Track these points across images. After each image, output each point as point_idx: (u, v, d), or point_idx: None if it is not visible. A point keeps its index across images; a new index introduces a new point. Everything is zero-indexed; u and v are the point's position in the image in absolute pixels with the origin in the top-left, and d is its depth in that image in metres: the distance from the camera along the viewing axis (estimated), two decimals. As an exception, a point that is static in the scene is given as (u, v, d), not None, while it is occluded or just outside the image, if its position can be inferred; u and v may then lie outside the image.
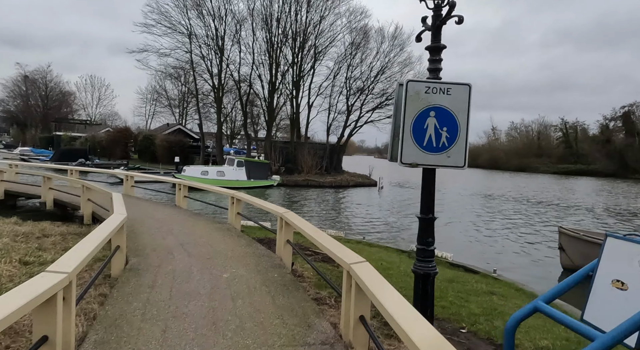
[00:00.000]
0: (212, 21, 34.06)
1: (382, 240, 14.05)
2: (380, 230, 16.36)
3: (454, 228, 17.49)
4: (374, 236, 14.76)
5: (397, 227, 16.99)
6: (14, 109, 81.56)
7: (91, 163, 36.53)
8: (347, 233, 13.60)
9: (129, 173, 15.66)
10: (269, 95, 35.64)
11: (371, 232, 15.89)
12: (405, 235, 15.49)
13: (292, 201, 25.13)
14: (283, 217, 5.75)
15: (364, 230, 16.00)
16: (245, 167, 29.32)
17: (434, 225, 3.68)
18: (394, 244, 13.19)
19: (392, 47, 37.04)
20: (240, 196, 8.92)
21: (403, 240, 14.63)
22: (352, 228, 16.50)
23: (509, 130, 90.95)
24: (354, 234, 14.36)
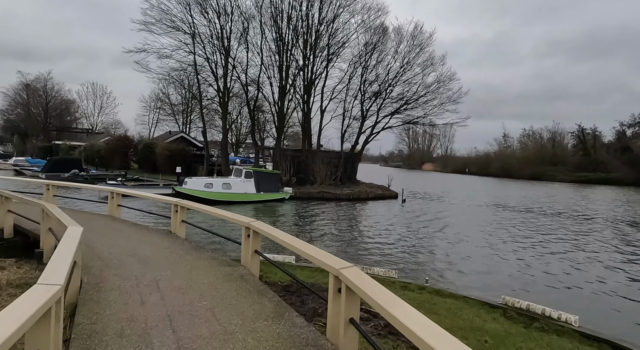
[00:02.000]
0: (217, 19, 30.72)
1: (441, 282, 10.34)
2: (427, 262, 12.61)
3: (507, 255, 13.76)
4: (424, 272, 11.04)
5: (449, 259, 13.23)
6: (15, 118, 78.67)
7: (86, 174, 32.98)
8: (397, 271, 9.92)
9: (116, 190, 12.01)
10: (279, 99, 32.09)
11: (419, 264, 12.14)
12: (465, 269, 11.75)
13: (308, 217, 21.44)
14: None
15: (407, 261, 12.28)
16: (254, 179, 25.67)
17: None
18: (464, 288, 9.48)
19: (411, 47, 33.58)
20: (256, 227, 5.71)
21: (466, 277, 10.90)
22: (390, 258, 12.79)
23: (520, 137, 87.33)
24: (398, 268, 10.66)
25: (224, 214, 6.86)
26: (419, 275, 10.45)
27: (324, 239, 15.31)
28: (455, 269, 11.78)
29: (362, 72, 34.83)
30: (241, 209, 23.23)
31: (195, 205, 8.50)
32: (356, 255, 12.71)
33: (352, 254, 12.80)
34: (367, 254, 13.08)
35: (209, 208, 7.77)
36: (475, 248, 14.83)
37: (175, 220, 9.22)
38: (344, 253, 12.85)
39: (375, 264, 11.09)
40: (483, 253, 14.13)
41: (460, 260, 12.89)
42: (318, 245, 13.87)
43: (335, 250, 13.34)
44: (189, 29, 30.25)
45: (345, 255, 12.53)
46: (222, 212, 7.11)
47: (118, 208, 12.23)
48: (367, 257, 12.45)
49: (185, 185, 23.76)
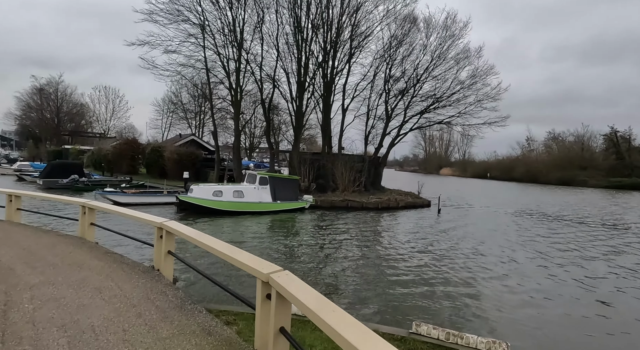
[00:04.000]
0: (229, 9, 27.34)
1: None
2: (525, 318, 8.70)
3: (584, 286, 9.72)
4: (534, 337, 7.17)
5: (556, 310, 9.30)
6: (29, 122, 77.10)
7: (87, 180, 29.84)
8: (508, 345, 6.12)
9: (88, 203, 8.50)
10: (297, 96, 28.47)
11: (517, 322, 8.23)
12: (594, 328, 7.82)
13: (333, 232, 17.67)
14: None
15: (497, 317, 8.37)
16: (270, 186, 22.04)
17: None
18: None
19: (443, 39, 29.66)
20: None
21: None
22: (463, 311, 8.94)
23: (546, 141, 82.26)
24: (498, 332, 6.86)
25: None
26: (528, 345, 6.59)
27: (358, 268, 11.52)
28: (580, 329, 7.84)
29: (388, 68, 31.04)
30: (255, 221, 19.61)
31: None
32: (414, 302, 8.89)
33: (405, 301, 9.02)
34: (433, 302, 9.23)
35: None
36: (583, 291, 10.81)
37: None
38: (396, 298, 9.09)
39: (455, 320, 7.33)
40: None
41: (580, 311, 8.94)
42: (352, 278, 9.99)
43: (381, 292, 9.58)
44: (198, 19, 26.93)
45: (401, 305, 8.79)
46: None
47: (91, 228, 8.74)
48: (436, 307, 8.59)
49: (191, 194, 20.25)
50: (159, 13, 25.70)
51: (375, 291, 9.21)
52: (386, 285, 9.71)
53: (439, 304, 8.53)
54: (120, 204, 22.11)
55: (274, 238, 15.44)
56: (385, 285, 9.66)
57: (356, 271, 10.89)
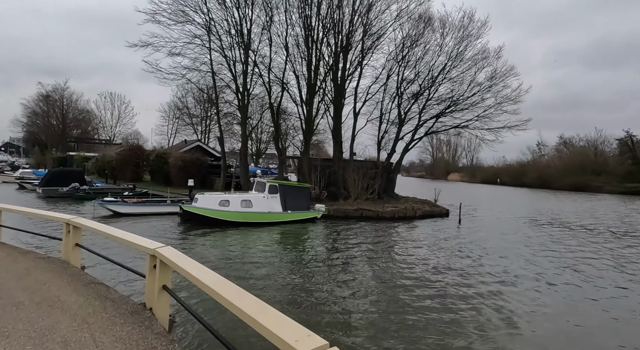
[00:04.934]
0: (236, 9, 25.98)
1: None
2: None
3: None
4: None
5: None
6: (36, 129, 76.46)
7: (88, 188, 28.42)
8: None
9: (74, 221, 6.89)
10: (307, 99, 26.92)
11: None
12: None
13: (349, 245, 16.02)
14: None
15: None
16: (280, 194, 20.43)
17: None
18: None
19: (460, 39, 28.03)
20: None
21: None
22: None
23: (557, 146, 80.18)
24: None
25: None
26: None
27: (379, 294, 9.86)
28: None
29: (401, 69, 29.47)
30: (264, 233, 17.98)
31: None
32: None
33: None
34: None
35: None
36: None
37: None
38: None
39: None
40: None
41: None
42: (373, 306, 8.31)
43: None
44: (203, 19, 25.56)
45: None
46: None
47: (76, 250, 7.22)
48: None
49: (196, 203, 18.69)
50: (162, 13, 24.39)
51: (400, 327, 7.52)
52: (413, 316, 8.03)
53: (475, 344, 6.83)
54: (121, 214, 20.61)
55: (283, 254, 13.79)
56: (411, 316, 7.98)
57: (377, 297, 9.21)
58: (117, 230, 5.68)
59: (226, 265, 11.72)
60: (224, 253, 13.47)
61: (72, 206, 24.05)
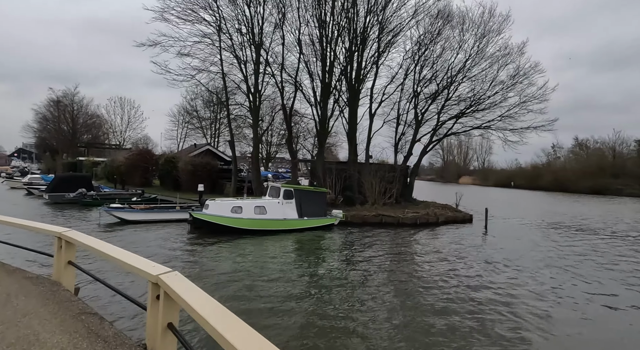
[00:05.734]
0: (247, 7, 24.84)
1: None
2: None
3: None
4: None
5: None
6: (47, 135, 76.29)
7: (95, 193, 27.38)
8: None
9: (66, 235, 5.50)
10: (321, 99, 25.61)
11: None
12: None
13: (370, 254, 14.63)
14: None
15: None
16: (296, 200, 19.10)
17: None
18: None
19: (481, 35, 26.54)
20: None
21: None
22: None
23: (572, 148, 77.87)
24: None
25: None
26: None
27: (405, 317, 8.45)
28: None
29: (419, 68, 28.06)
30: (279, 241, 16.64)
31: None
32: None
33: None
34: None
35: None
36: None
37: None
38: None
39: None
40: None
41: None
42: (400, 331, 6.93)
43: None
44: (213, 16, 24.44)
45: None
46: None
47: (69, 269, 5.91)
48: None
49: (206, 210, 17.42)
50: (171, 11, 23.33)
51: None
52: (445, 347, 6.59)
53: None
54: (128, 222, 19.43)
55: (298, 267, 12.41)
56: None
57: (402, 321, 7.78)
58: (115, 250, 4.50)
59: (236, 281, 10.39)
60: (235, 266, 12.15)
61: (78, 212, 22.99)
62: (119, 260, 4.04)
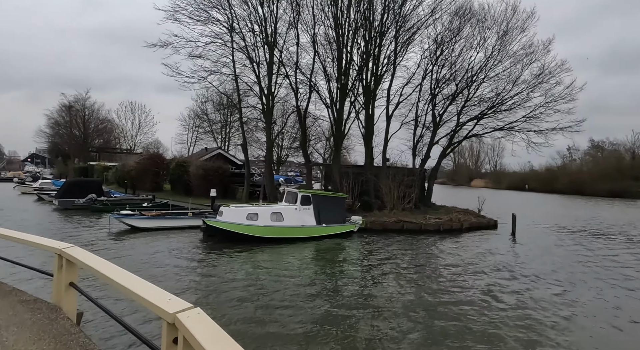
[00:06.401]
0: (259, 6, 23.95)
1: None
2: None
3: None
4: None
5: None
6: (59, 140, 76.49)
7: (105, 199, 26.61)
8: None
9: (68, 252, 4.37)
10: (338, 100, 24.55)
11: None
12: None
13: (395, 266, 13.49)
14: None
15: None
16: (314, 205, 18.01)
17: None
18: None
19: (503, 32, 25.27)
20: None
21: None
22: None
23: (588, 150, 75.75)
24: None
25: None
26: None
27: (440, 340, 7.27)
28: None
29: (438, 68, 26.89)
30: (296, 250, 15.55)
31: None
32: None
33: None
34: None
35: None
36: None
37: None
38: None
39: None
40: None
41: None
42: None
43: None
44: (225, 16, 23.59)
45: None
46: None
47: (70, 292, 4.77)
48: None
49: (220, 217, 16.41)
50: (182, 11, 22.51)
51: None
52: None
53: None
54: (139, 229, 18.52)
55: (317, 281, 11.32)
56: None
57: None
58: (122, 274, 3.48)
59: (252, 296, 9.34)
60: (250, 278, 11.11)
61: (88, 219, 22.19)
62: (127, 289, 3.15)
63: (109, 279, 3.53)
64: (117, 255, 13.58)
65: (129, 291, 3.12)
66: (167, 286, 10.16)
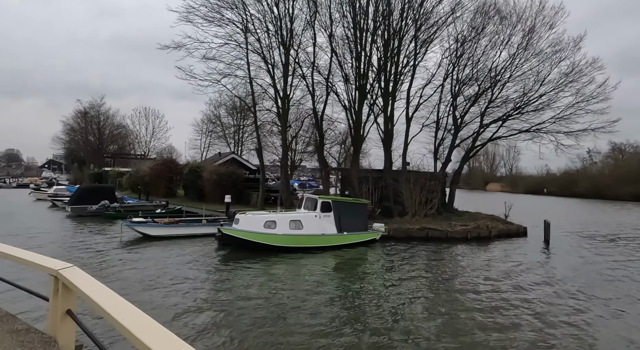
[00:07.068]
0: (275, 7, 23.13)
1: None
2: None
3: None
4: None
5: None
6: (74, 146, 77.00)
7: (118, 205, 25.91)
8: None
9: (64, 273, 3.25)
10: (357, 101, 23.49)
11: None
12: None
13: (424, 279, 12.33)
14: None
15: None
16: (334, 212, 16.91)
17: None
18: None
19: (528, 31, 23.94)
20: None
21: None
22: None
23: (609, 153, 73.11)
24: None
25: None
26: None
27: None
28: None
29: (461, 68, 25.67)
30: (316, 262, 14.45)
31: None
32: None
33: None
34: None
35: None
36: None
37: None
38: None
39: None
40: None
41: None
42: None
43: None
44: (240, 18, 22.80)
45: None
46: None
47: (67, 321, 3.56)
48: None
49: (237, 225, 15.43)
50: (196, 12, 21.79)
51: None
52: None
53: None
54: (151, 237, 17.66)
55: (339, 298, 10.25)
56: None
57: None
58: (125, 308, 2.60)
59: (271, 317, 8.28)
60: (268, 296, 10.06)
61: (100, 226, 21.46)
62: (130, 333, 2.21)
63: (110, 316, 2.57)
64: (126, 266, 12.70)
65: (132, 336, 2.14)
66: (178, 303, 9.17)
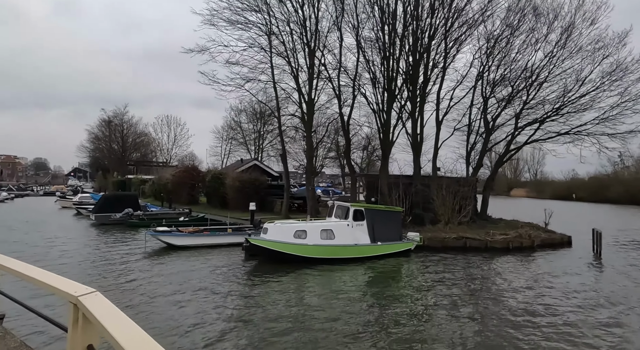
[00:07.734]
0: (300, 8, 22.39)
1: None
2: None
3: None
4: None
5: None
6: (99, 154, 78.32)
7: (142, 213, 25.46)
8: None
9: (81, 301, 2.22)
10: (387, 106, 22.40)
11: None
12: None
13: (470, 295, 11.08)
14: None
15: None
16: (367, 221, 15.82)
17: None
18: None
19: (567, 27, 22.45)
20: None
21: None
22: None
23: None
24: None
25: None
26: None
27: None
28: None
29: (492, 69, 24.33)
30: (349, 275, 13.39)
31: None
32: None
33: None
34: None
35: None
36: None
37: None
38: None
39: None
40: None
41: None
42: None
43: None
44: (263, 21, 22.16)
45: None
46: None
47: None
48: None
49: (265, 235, 14.52)
50: (219, 15, 21.27)
51: None
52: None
53: None
54: (176, 247, 16.93)
55: (378, 312, 9.16)
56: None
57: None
58: None
59: (302, 340, 7.25)
60: (298, 313, 9.07)
61: (123, 235, 20.96)
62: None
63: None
64: (149, 280, 11.95)
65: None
66: (203, 320, 8.28)
